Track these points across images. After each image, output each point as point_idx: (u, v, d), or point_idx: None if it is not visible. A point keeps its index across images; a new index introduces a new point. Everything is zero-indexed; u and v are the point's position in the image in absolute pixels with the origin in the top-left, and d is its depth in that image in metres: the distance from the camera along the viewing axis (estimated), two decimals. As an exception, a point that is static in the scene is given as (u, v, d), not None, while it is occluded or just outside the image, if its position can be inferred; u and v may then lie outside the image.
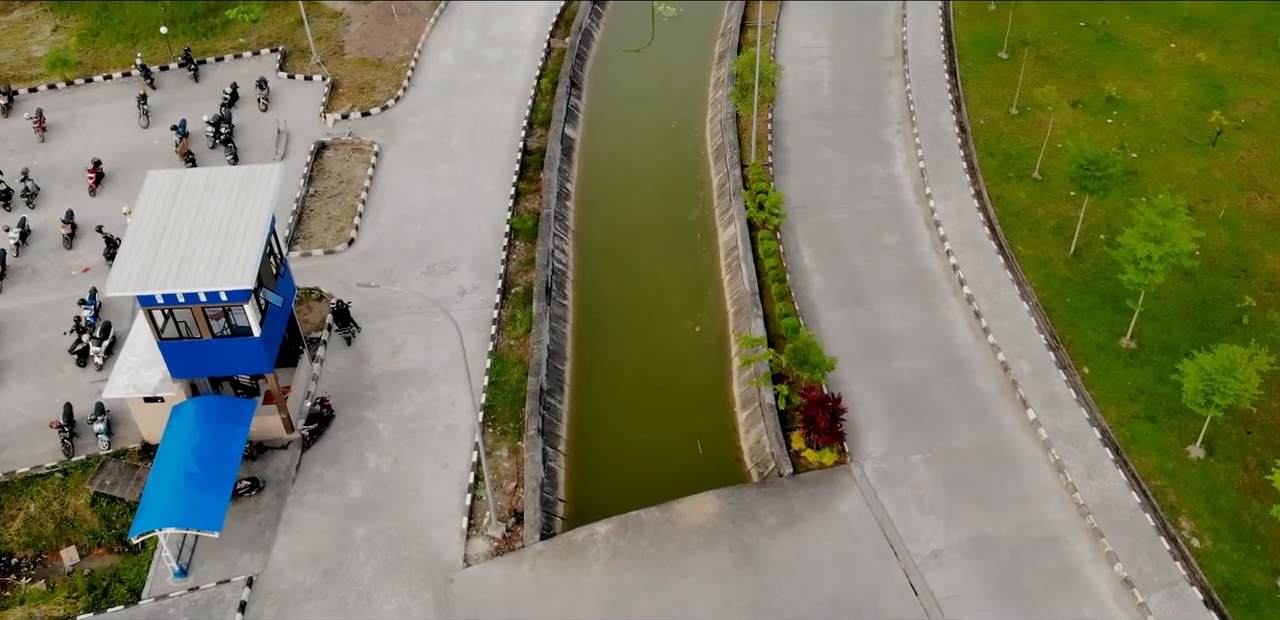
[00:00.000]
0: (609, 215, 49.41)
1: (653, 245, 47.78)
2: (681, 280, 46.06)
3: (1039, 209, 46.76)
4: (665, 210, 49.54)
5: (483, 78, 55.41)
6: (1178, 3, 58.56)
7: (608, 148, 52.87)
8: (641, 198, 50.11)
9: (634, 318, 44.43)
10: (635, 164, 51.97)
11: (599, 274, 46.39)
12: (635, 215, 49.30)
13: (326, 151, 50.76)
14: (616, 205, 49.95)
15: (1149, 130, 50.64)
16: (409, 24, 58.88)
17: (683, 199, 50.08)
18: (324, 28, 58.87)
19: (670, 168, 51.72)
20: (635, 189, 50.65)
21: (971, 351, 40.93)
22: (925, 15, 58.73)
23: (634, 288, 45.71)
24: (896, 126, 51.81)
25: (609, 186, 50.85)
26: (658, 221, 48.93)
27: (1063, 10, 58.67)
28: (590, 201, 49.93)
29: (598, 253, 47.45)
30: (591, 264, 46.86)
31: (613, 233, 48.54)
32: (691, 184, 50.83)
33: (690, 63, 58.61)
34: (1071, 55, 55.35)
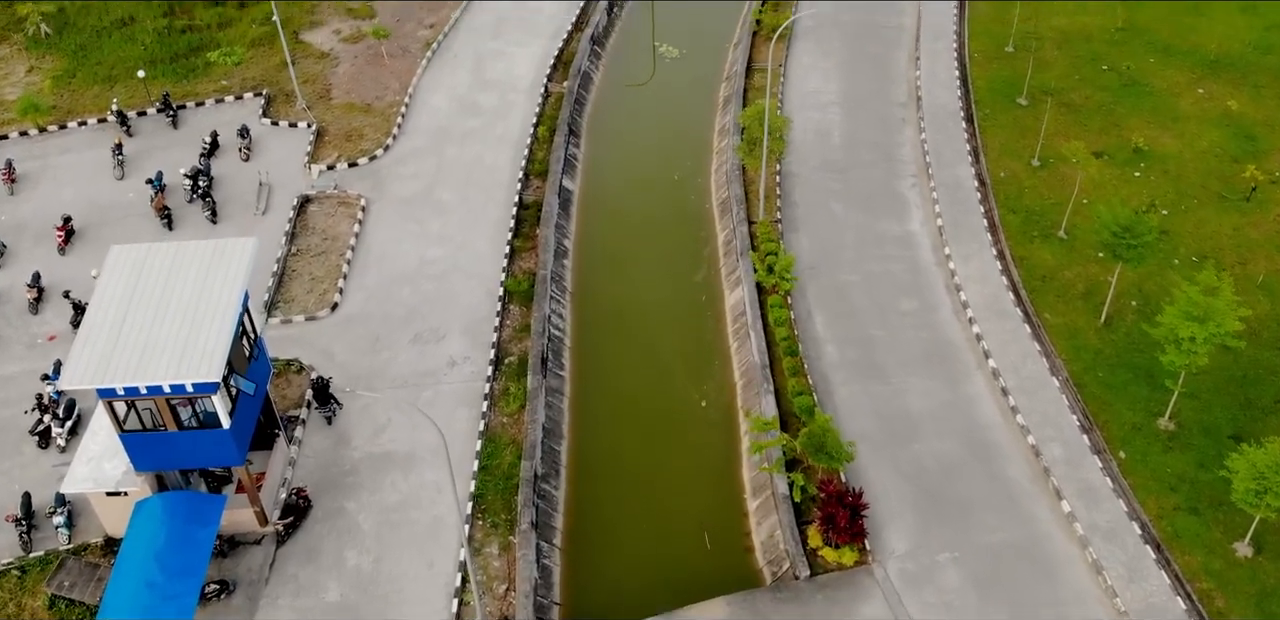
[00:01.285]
0: (609, 275, 46.66)
1: (655, 308, 45.03)
2: (686, 348, 43.30)
3: (1066, 272, 44.08)
4: (668, 270, 46.81)
5: (477, 124, 52.73)
6: (1204, 45, 56.36)
7: (608, 201, 50.18)
8: (643, 256, 47.35)
9: (635, 390, 41.62)
10: (637, 218, 49.26)
11: (598, 341, 43.60)
12: (637, 275, 46.54)
13: (311, 206, 48.03)
14: (617, 264, 47.19)
15: (1179, 184, 48.05)
16: (400, 66, 56.26)
17: (687, 257, 47.36)
18: (310, 69, 56.28)
19: (673, 223, 49.02)
20: (637, 246, 47.91)
21: (999, 433, 38.18)
22: (939, 58, 56.19)
23: (635, 356, 42.91)
24: (912, 179, 49.20)
25: (609, 243, 48.13)
26: (660, 282, 46.20)
27: (1084, 53, 56.16)
28: (589, 260, 47.21)
29: (597, 317, 44.67)
30: (591, 330, 44.10)
31: (613, 294, 45.78)
32: (696, 241, 48.13)
33: (694, 108, 55.85)
34: (1094, 101, 52.77)
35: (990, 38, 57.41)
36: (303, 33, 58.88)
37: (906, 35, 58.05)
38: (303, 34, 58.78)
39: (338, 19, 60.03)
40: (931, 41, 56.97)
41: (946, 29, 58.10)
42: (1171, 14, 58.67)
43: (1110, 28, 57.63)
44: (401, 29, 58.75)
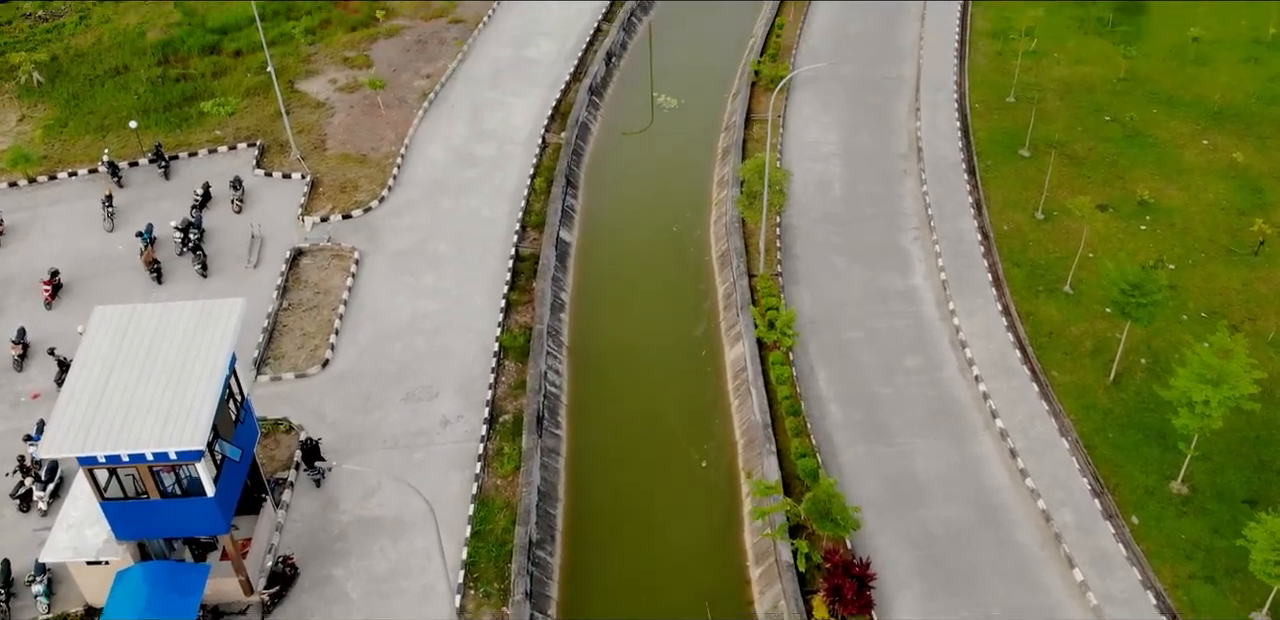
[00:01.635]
0: (607, 329, 45.72)
1: (654, 363, 44.02)
2: (686, 404, 42.26)
3: (1073, 328, 43.22)
4: (667, 324, 45.92)
5: (473, 176, 52.16)
6: (1207, 96, 56.05)
7: (605, 253, 49.41)
8: (641, 309, 46.50)
9: (634, 449, 40.47)
10: (635, 271, 48.46)
11: (596, 398, 42.54)
12: (635, 329, 45.61)
13: (303, 258, 47.24)
14: (615, 318, 46.28)
15: (1186, 238, 47.36)
16: (396, 116, 55.84)
17: (686, 311, 46.50)
18: (306, 119, 55.83)
19: (673, 276, 48.19)
20: (635, 299, 47.09)
21: (1008, 497, 36.99)
22: (940, 109, 55.82)
23: (634, 414, 41.86)
24: (914, 232, 48.55)
25: (607, 296, 47.28)
26: (659, 336, 45.26)
27: (1086, 103, 55.82)
28: (587, 313, 46.34)
29: (595, 373, 43.67)
30: (588, 386, 43.05)
31: (611, 349, 44.79)
32: (695, 294, 47.31)
33: (692, 158, 55.25)
34: (1098, 153, 52.31)
35: (991, 88, 57.17)
36: (298, 82, 58.57)
37: (906, 86, 57.77)
38: (298, 83, 58.48)
39: (334, 68, 59.77)
40: (932, 92, 56.66)
41: (946, 80, 57.85)
42: (1174, 65, 58.51)
43: (1112, 78, 57.41)
44: (398, 79, 58.46)
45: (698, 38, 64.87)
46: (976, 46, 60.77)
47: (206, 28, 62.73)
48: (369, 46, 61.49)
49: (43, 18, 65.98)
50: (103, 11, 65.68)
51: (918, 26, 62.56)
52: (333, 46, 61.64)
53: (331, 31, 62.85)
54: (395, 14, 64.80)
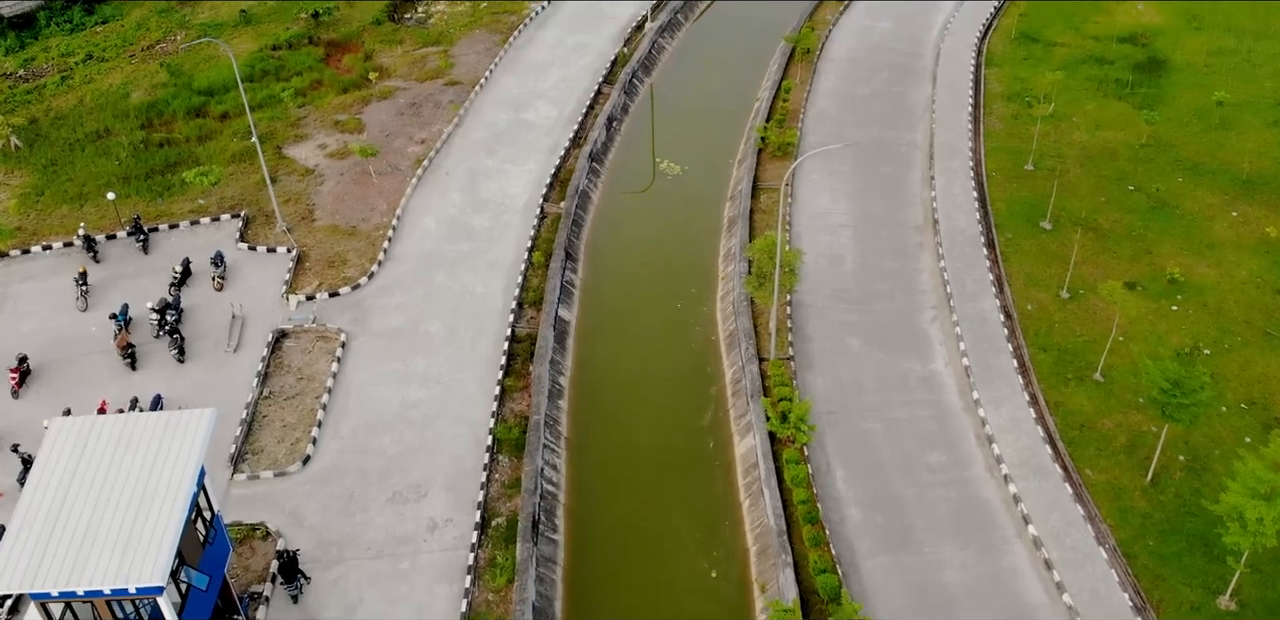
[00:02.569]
0: (608, 418, 42.84)
1: (659, 457, 41.09)
2: (693, 504, 39.25)
3: (1105, 420, 40.56)
4: (673, 412, 43.11)
5: (468, 249, 49.68)
6: (1234, 163, 53.81)
7: (606, 333, 46.71)
8: (645, 395, 43.65)
9: (637, 557, 37.43)
10: (638, 353, 45.65)
11: (597, 497, 39.54)
12: (638, 418, 42.73)
13: (287, 341, 44.61)
14: (616, 405, 43.42)
15: (1220, 320, 44.89)
16: (388, 185, 53.54)
17: (693, 398, 43.72)
18: (293, 188, 53.51)
19: (678, 358, 45.46)
20: (638, 384, 44.19)
21: (1045, 614, 33.99)
22: (956, 177, 53.57)
23: (637, 515, 38.86)
24: (932, 312, 46.04)
25: (608, 381, 44.42)
26: (664, 426, 42.40)
27: (1108, 172, 53.59)
28: (587, 401, 43.52)
29: (595, 468, 40.70)
30: (588, 483, 40.10)
31: (613, 441, 41.85)
32: (702, 378, 44.58)
33: (697, 230, 52.60)
34: (1123, 226, 49.99)
35: (1008, 155, 54.98)
36: (286, 147, 56.33)
37: (919, 153, 55.56)
38: (286, 149, 56.22)
39: (324, 132, 57.54)
40: (946, 160, 54.42)
41: (961, 146, 55.66)
42: (1198, 130, 56.36)
43: (1135, 144, 55.25)
44: (391, 145, 56.20)
45: (701, 100, 62.76)
46: (991, 110, 58.69)
47: (193, 89, 60.62)
48: (361, 109, 59.34)
49: (23, 77, 63.97)
50: (86, 71, 63.65)
51: (929, 89, 60.51)
52: (323, 109, 59.51)
53: (322, 93, 60.76)
54: (389, 75, 62.81)
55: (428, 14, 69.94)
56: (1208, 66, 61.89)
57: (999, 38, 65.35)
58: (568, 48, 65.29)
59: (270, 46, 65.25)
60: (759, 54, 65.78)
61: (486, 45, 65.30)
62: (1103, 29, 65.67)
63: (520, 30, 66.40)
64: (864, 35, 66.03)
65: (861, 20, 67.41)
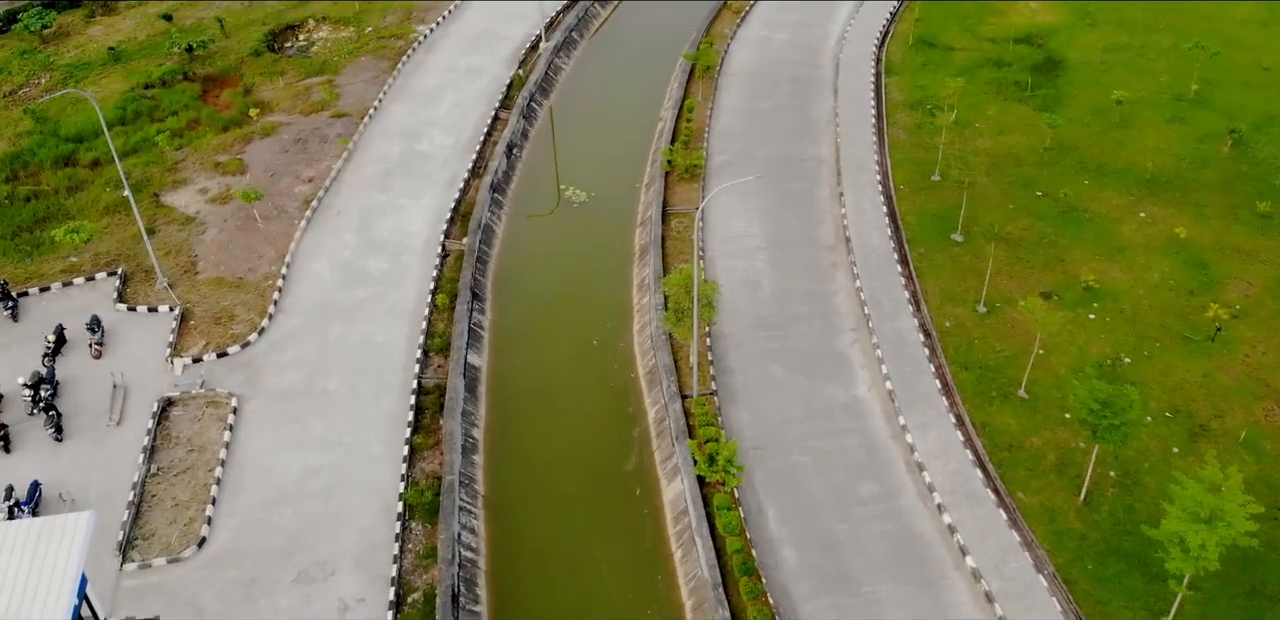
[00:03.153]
0: (528, 471, 40.55)
1: (584, 509, 39.01)
2: (623, 558, 37.23)
3: (1033, 438, 39.71)
4: (596, 458, 41.04)
5: (365, 295, 47.02)
6: (1137, 163, 53.55)
7: (521, 377, 44.49)
8: (566, 442, 41.49)
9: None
10: (555, 396, 43.52)
11: (520, 560, 37.26)
12: (560, 467, 40.52)
13: (174, 409, 41.57)
14: (536, 455, 41.14)
15: (1137, 326, 44.47)
16: (275, 230, 50.63)
17: (615, 441, 41.68)
18: (173, 238, 50.32)
19: (597, 399, 43.43)
20: (557, 430, 42.06)
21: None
22: (864, 192, 52.50)
23: (565, 575, 36.72)
24: (852, 334, 44.81)
25: (526, 430, 42.13)
26: (588, 474, 40.33)
27: (1014, 178, 53.07)
28: (504, 453, 41.24)
29: (517, 527, 38.47)
30: (510, 546, 37.79)
31: (534, 495, 39.59)
32: (623, 420, 42.64)
33: (608, 259, 50.62)
34: (1034, 233, 49.43)
35: (915, 166, 54.25)
36: (165, 194, 52.97)
37: (826, 168, 54.42)
38: (165, 195, 52.87)
39: (204, 176, 54.37)
40: (854, 174, 53.43)
41: (867, 159, 54.67)
42: (1099, 129, 56.24)
43: (1038, 148, 54.89)
44: (276, 186, 53.25)
45: (602, 122, 60.96)
46: (895, 120, 57.92)
47: (60, 136, 56.85)
48: (243, 148, 56.24)
49: (-127, 131, 59.54)
50: (-58, 122, 59.65)
51: (831, 101, 59.47)
52: (202, 150, 56.26)
53: (200, 133, 57.44)
54: (271, 109, 59.76)
55: (310, 41, 66.97)
56: (1103, 64, 62.05)
57: (897, 44, 64.78)
58: (460, 72, 62.95)
59: (143, 85, 61.66)
60: (659, 70, 64.27)
61: (374, 73, 62.64)
62: (998, 30, 65.53)
63: (409, 55, 63.84)
64: (762, 47, 64.91)
65: (759, 32, 66.28)
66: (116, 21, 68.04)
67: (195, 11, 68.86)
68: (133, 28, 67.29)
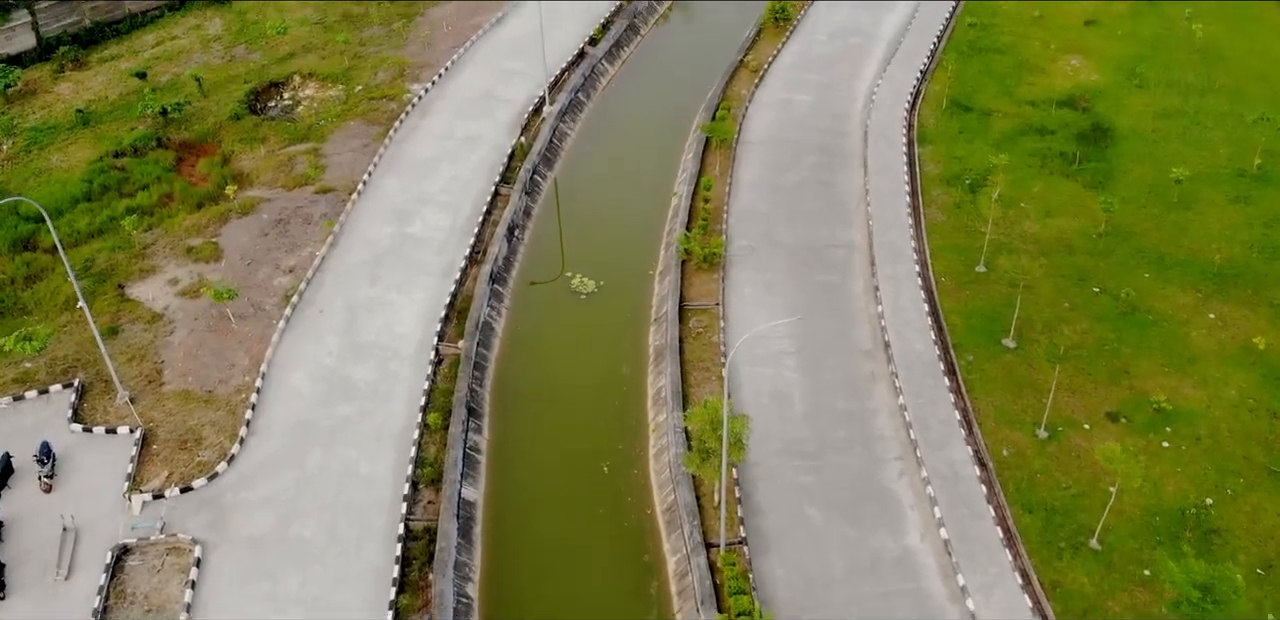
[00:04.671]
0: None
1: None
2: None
3: (1110, 602, 34.55)
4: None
5: (349, 412, 41.97)
6: (1202, 251, 48.15)
7: (522, 515, 39.26)
8: (572, 603, 36.17)
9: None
10: (561, 539, 38.30)
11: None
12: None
13: (130, 559, 36.35)
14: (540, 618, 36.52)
15: (1216, 457, 39.47)
16: (250, 331, 45.69)
17: (630, 601, 36.29)
18: (138, 339, 45.34)
19: (609, 544, 38.22)
20: (563, 586, 36.93)
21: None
22: (902, 285, 47.48)
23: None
24: (898, 464, 39.87)
25: (528, 586, 36.99)
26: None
27: (1067, 270, 48.16)
28: (503, 615, 36.49)
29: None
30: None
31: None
32: (639, 570, 37.31)
33: (620, 364, 45.46)
34: (1093, 338, 44.50)
35: (957, 253, 49.29)
36: (131, 285, 47.98)
37: (859, 256, 49.43)
38: (131, 287, 47.89)
39: (175, 263, 49.37)
40: (890, 263, 48.47)
41: (903, 246, 49.65)
42: (1157, 211, 51.27)
43: (1092, 233, 49.94)
44: (254, 277, 48.29)
45: (612, 198, 55.88)
46: (931, 197, 53.05)
47: (20, 214, 51.84)
48: (218, 230, 51.25)
49: None
50: (-110, 196, 54.74)
51: (860, 174, 54.48)
52: (174, 232, 51.23)
53: (173, 210, 52.44)
54: (251, 182, 54.73)
55: (295, 100, 61.99)
56: (1155, 132, 57.15)
57: (929, 108, 59.86)
58: (457, 140, 57.98)
59: (112, 152, 56.64)
60: (672, 137, 59.24)
61: (363, 140, 57.68)
62: (1039, 91, 60.67)
63: (401, 120, 58.82)
64: (784, 111, 59.93)
65: (779, 93, 61.28)
66: (87, 78, 63.13)
67: (172, 66, 63.92)
68: (104, 85, 62.35)
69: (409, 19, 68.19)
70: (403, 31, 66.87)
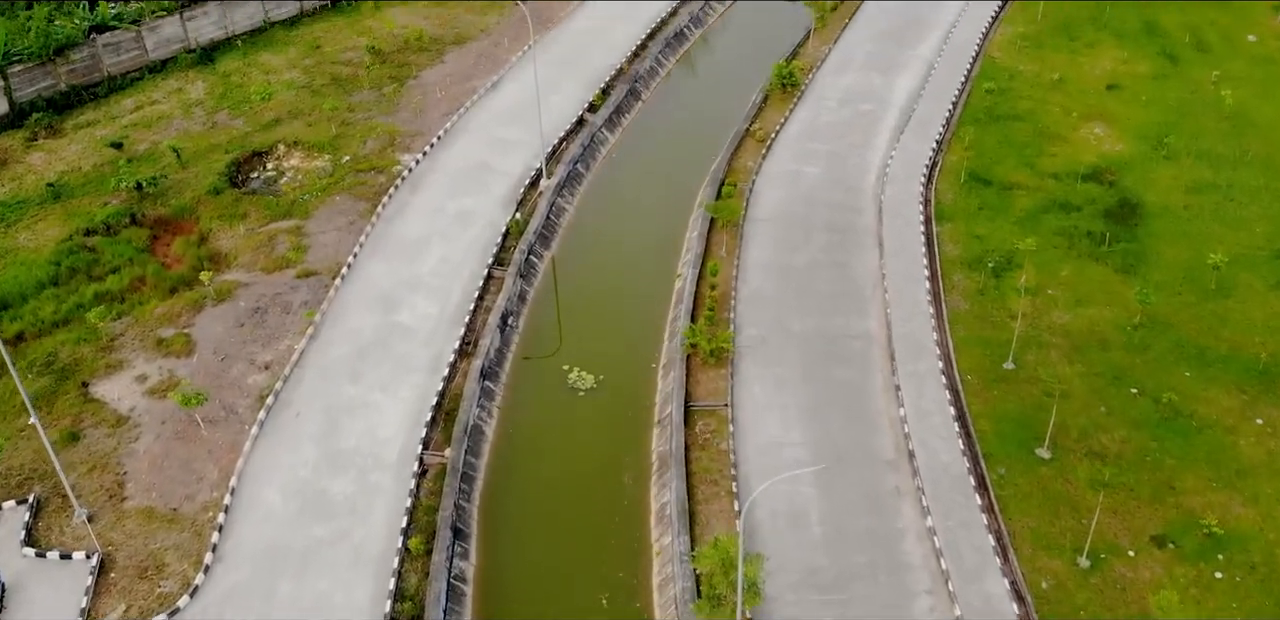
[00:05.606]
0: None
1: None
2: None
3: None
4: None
5: (324, 533, 38.25)
6: (1244, 345, 44.73)
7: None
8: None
9: None
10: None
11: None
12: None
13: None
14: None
15: (1275, 589, 36.02)
16: (221, 438, 42.24)
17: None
18: (100, 446, 41.85)
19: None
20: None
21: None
22: (925, 384, 44.01)
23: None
24: (928, 598, 36.20)
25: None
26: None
27: (1102, 368, 44.61)
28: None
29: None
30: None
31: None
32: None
33: (620, 473, 41.79)
34: (1134, 448, 41.00)
35: (982, 348, 45.92)
36: (95, 382, 44.55)
37: (876, 349, 46.11)
38: (95, 384, 44.43)
39: (144, 357, 45.99)
40: (911, 359, 45.11)
41: (924, 337, 46.25)
42: (1194, 300, 47.84)
43: (1125, 325, 46.57)
44: (226, 374, 44.96)
45: (612, 278, 52.48)
46: (952, 281, 49.77)
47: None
48: (192, 319, 47.89)
49: None
50: None
51: (875, 256, 51.20)
52: (145, 321, 47.90)
53: (144, 297, 49.03)
54: (228, 264, 51.41)
55: (279, 171, 58.88)
56: (1187, 208, 54.04)
57: (946, 181, 56.78)
58: (449, 216, 54.74)
59: (83, 230, 53.47)
60: (676, 212, 56.02)
61: (349, 217, 54.55)
62: (1061, 163, 57.62)
63: (390, 194, 55.73)
64: (792, 184, 56.81)
65: (787, 164, 58.10)
66: (61, 147, 60.08)
67: (151, 134, 60.91)
68: (78, 155, 59.29)
69: (401, 83, 65.44)
70: (394, 97, 64.08)
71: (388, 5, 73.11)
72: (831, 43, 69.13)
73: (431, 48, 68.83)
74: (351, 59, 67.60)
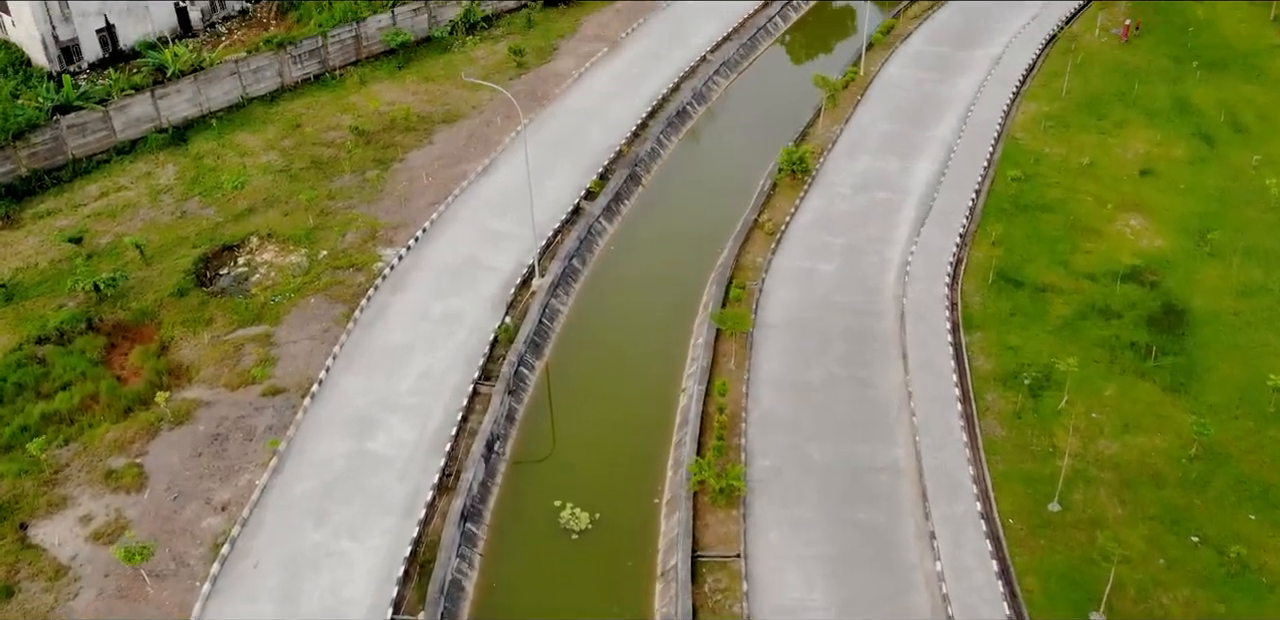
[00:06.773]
0: None
1: None
2: None
3: None
4: None
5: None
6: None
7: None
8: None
9: None
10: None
11: None
12: None
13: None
14: None
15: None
16: (168, 596, 37.23)
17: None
18: (36, 603, 36.54)
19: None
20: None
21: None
22: (963, 531, 38.82)
23: None
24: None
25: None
26: None
27: (1157, 509, 39.58)
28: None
29: None
30: None
31: None
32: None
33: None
34: (1198, 610, 35.72)
35: (1024, 484, 41.27)
36: (36, 524, 39.63)
37: (906, 484, 41.53)
38: (35, 526, 39.54)
39: (90, 492, 41.23)
40: (946, 500, 40.37)
41: (959, 471, 41.51)
42: (1253, 426, 42.90)
43: (1180, 456, 41.89)
44: (178, 516, 40.22)
45: (610, 396, 47.53)
46: (985, 402, 45.18)
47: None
48: (145, 447, 43.08)
49: None
50: None
51: (899, 369, 46.60)
52: (94, 448, 43.21)
53: (95, 419, 44.32)
54: (190, 377, 46.68)
55: (250, 267, 54.35)
56: (1237, 314, 49.50)
57: (973, 281, 52.37)
58: (433, 321, 50.12)
59: (35, 338, 49.07)
60: (680, 315, 51.31)
61: (323, 323, 50.02)
62: (1097, 262, 53.14)
63: (370, 296, 51.41)
64: (805, 283, 52.33)
65: (799, 261, 53.69)
66: (17, 240, 55.71)
67: (115, 225, 56.59)
68: (34, 249, 54.91)
69: (385, 166, 61.24)
70: (377, 182, 59.82)
71: (374, 80, 69.32)
72: (843, 122, 64.94)
73: (419, 127, 64.78)
74: (333, 139, 63.51)
